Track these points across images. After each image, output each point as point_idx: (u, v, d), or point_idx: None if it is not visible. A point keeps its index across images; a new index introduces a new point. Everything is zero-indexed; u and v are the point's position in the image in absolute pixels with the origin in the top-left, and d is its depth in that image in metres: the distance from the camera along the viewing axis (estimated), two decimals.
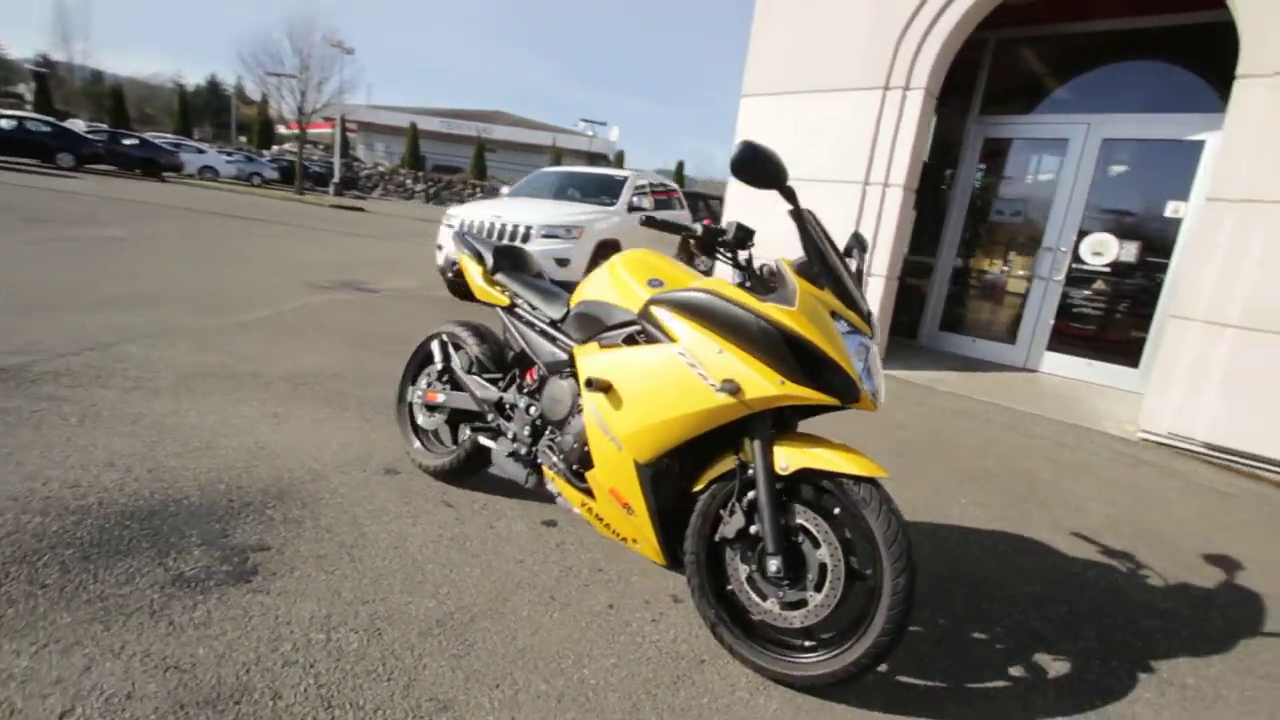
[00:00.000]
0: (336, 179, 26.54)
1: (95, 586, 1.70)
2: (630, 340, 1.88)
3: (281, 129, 39.88)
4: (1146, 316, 5.31)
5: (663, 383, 1.73)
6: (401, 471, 2.64)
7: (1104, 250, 5.48)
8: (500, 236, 6.58)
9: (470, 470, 2.51)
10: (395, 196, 33.23)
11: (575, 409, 2.01)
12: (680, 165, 39.84)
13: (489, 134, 40.74)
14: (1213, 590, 2.49)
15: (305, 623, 1.68)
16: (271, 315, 5.11)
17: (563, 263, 6.58)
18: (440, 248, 7.00)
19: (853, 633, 1.60)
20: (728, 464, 1.78)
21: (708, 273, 2.02)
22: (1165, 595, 2.41)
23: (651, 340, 1.81)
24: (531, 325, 2.25)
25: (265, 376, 3.60)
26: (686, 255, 8.27)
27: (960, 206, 6.26)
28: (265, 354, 4.05)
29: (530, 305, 2.28)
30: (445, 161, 38.61)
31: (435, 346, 2.54)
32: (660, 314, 1.77)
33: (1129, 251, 5.39)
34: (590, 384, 1.82)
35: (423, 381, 2.67)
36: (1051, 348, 5.80)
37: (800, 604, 1.65)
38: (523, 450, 2.19)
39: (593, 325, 2.03)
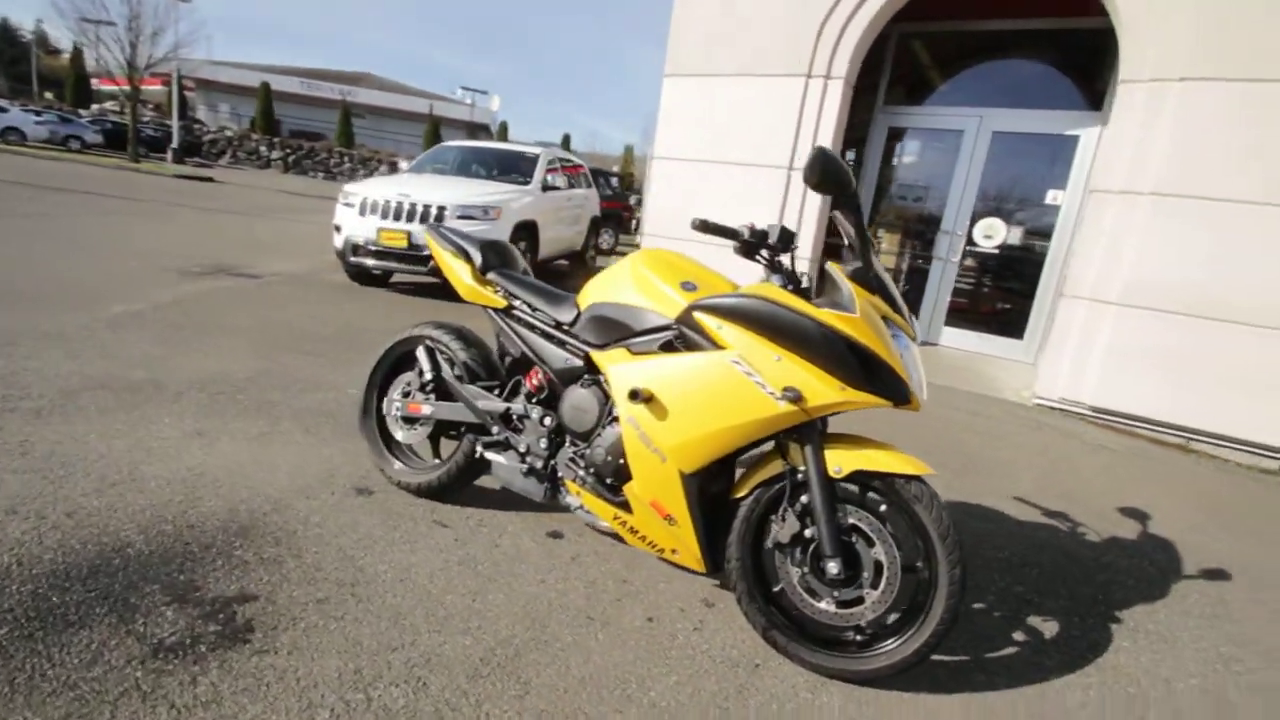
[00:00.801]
0: (175, 144, 23.33)
1: (56, 672, 1.38)
2: (668, 347, 1.80)
3: (100, 85, 34.22)
4: (1030, 293, 5.95)
5: (716, 392, 1.67)
6: (375, 490, 2.39)
7: (993, 233, 6.05)
8: (410, 218, 6.10)
9: (463, 485, 2.32)
10: (248, 165, 29.83)
11: (605, 419, 1.90)
12: (566, 139, 39.03)
13: (354, 98, 37.55)
14: (1137, 541, 2.86)
15: (335, 683, 1.47)
16: (146, 309, 4.43)
17: None
18: (339, 228, 6.38)
19: (910, 624, 1.66)
20: (773, 469, 1.76)
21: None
22: (1104, 550, 2.73)
23: (692, 347, 1.75)
24: (535, 329, 2.09)
25: (170, 386, 3.11)
26: None
27: (867, 192, 6.63)
28: (158, 358, 3.50)
29: (530, 307, 2.11)
30: (305, 127, 35.06)
31: (421, 353, 2.29)
32: (707, 320, 1.71)
33: (1015, 235, 5.99)
34: (635, 396, 1.72)
35: (396, 391, 2.41)
36: (949, 323, 6.35)
37: (857, 601, 1.68)
38: (538, 464, 2.04)
39: (614, 330, 1.92)
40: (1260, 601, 2.46)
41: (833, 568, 1.65)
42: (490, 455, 2.15)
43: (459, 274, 2.21)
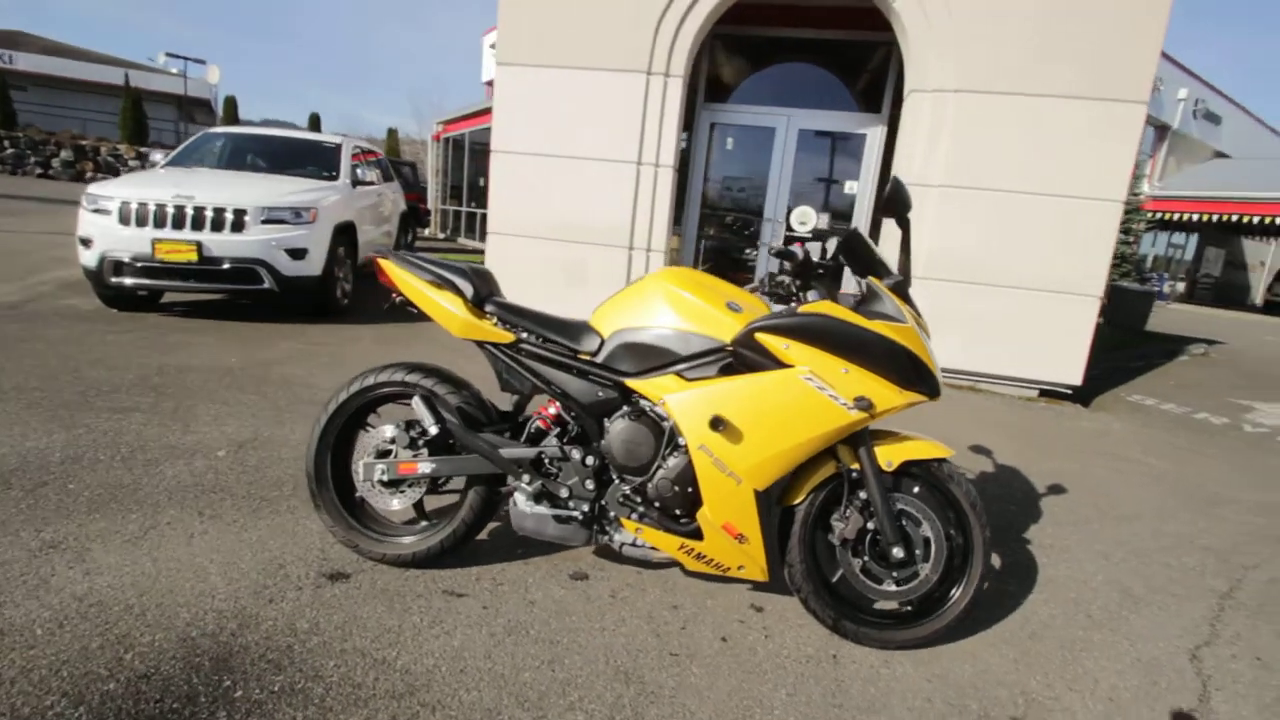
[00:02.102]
0: None
1: None
2: (728, 370, 1.79)
3: None
4: (838, 270, 6.89)
5: (791, 408, 1.72)
6: (350, 572, 2.01)
7: (807, 220, 6.84)
8: (199, 225, 5.02)
9: (468, 544, 2.06)
10: None
11: (664, 450, 1.83)
12: (315, 120, 34.59)
13: (9, 64, 29.09)
14: (995, 471, 3.56)
15: None
16: None
17: (298, 255, 5.37)
18: (88, 242, 5.02)
19: (954, 586, 1.90)
20: (826, 472, 1.87)
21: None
22: (995, 487, 3.35)
23: (752, 367, 1.77)
24: (550, 362, 1.92)
25: None
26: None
27: (697, 185, 7.06)
28: None
29: (540, 338, 1.93)
30: None
31: (418, 405, 1.95)
32: (772, 340, 1.74)
33: (824, 220, 6.87)
34: (717, 423, 1.69)
35: (366, 454, 2.03)
36: (778, 302, 7.08)
37: (913, 576, 1.88)
38: (584, 507, 1.89)
39: (651, 356, 1.85)
40: (1087, 504, 3.24)
41: (897, 552, 1.83)
42: (518, 506, 1.94)
43: (446, 308, 1.92)
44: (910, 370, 1.75)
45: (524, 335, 1.93)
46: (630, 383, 1.86)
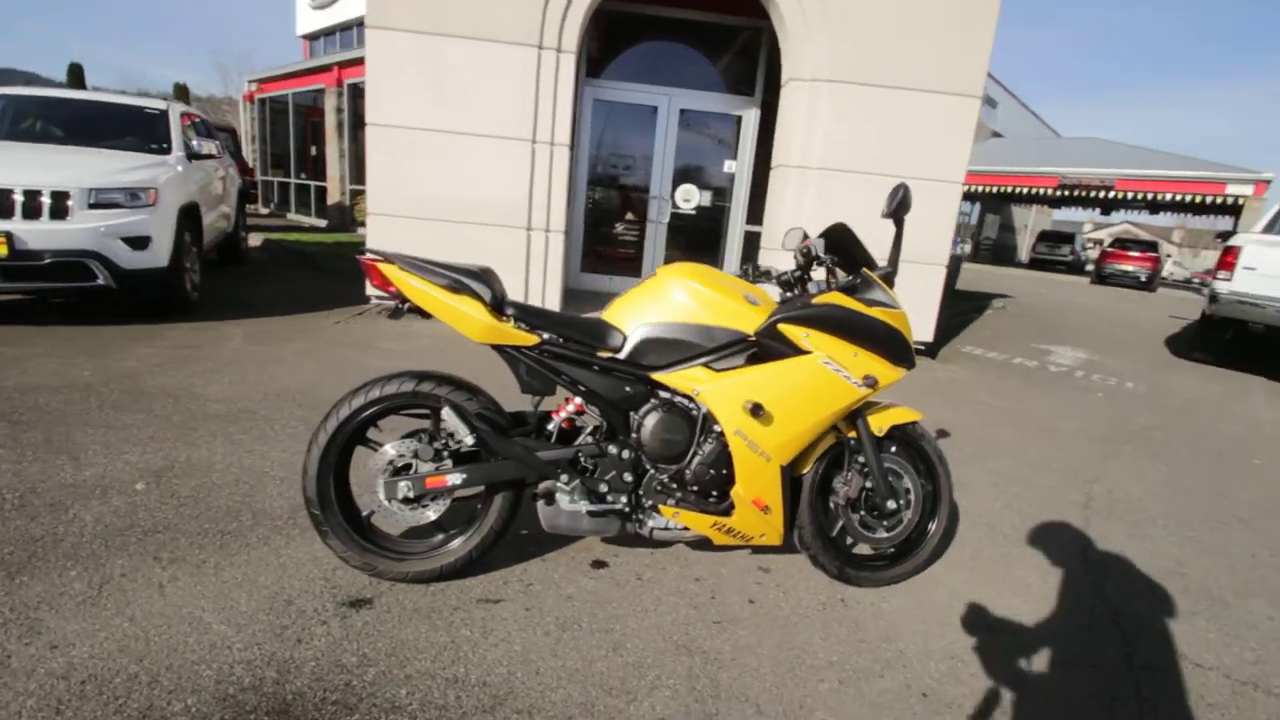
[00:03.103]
0: None
1: None
2: (754, 358, 1.93)
3: None
4: (721, 245, 7.29)
5: (812, 389, 1.91)
6: (372, 596, 1.90)
7: (691, 197, 7.15)
8: (6, 212, 4.14)
9: (495, 549, 2.03)
10: None
11: (700, 437, 1.93)
12: (76, 72, 28.64)
13: None
14: None
15: None
16: None
17: (139, 244, 4.61)
18: None
19: (929, 525, 2.25)
20: (827, 443, 2.11)
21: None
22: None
23: (773, 355, 1.93)
24: (576, 361, 1.93)
25: None
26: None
27: (583, 162, 7.02)
28: None
29: (563, 339, 1.93)
30: None
31: (449, 416, 1.83)
32: (793, 330, 1.91)
33: (706, 198, 7.20)
34: (757, 409, 1.83)
35: (382, 472, 1.90)
36: None
37: (899, 523, 2.19)
38: (622, 499, 1.95)
39: (676, 350, 1.94)
40: (967, 443, 3.87)
41: (891, 505, 2.12)
42: (552, 505, 1.94)
43: (467, 313, 1.83)
44: (902, 349, 2.01)
45: (546, 336, 1.92)
46: (657, 376, 1.94)
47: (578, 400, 2.00)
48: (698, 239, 7.40)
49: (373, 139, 5.46)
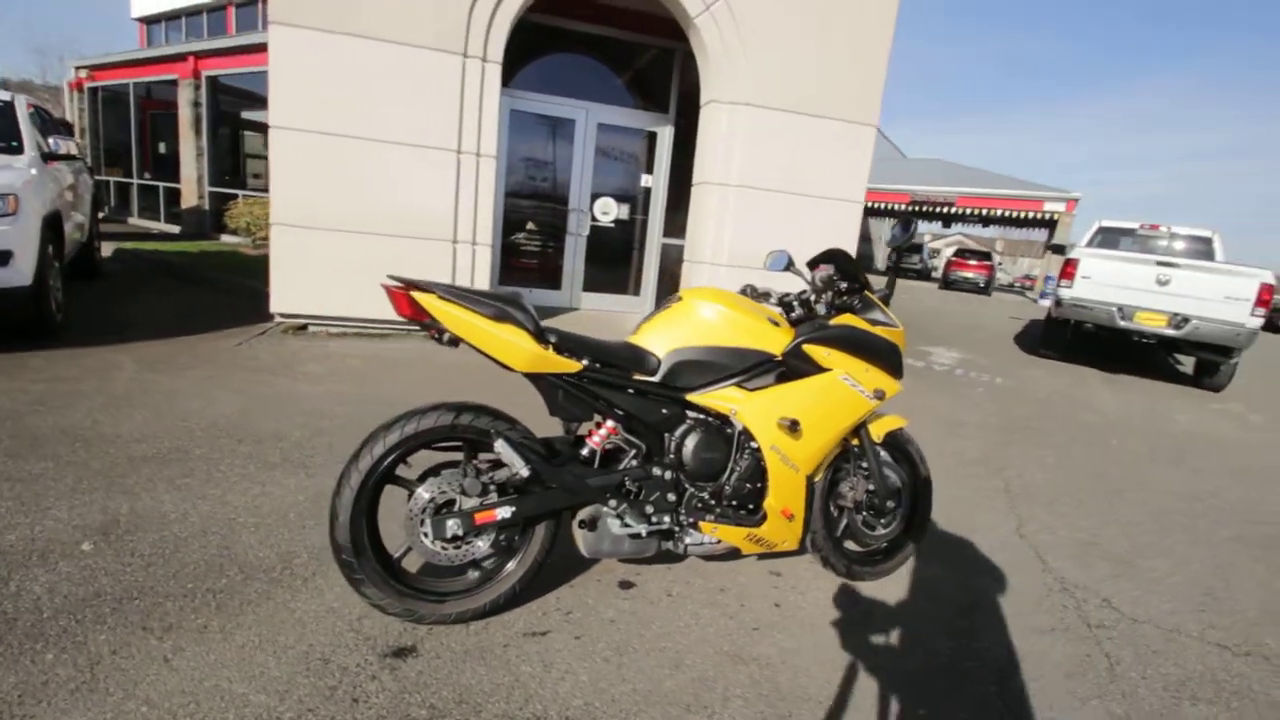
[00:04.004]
0: None
1: None
2: (782, 377, 2.05)
3: None
4: (640, 258, 7.43)
5: (834, 403, 2.07)
6: (415, 644, 1.80)
7: (609, 210, 7.23)
8: None
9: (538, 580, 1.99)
10: None
11: (739, 453, 2.02)
12: None
13: None
14: None
15: None
16: None
17: (1, 259, 3.96)
18: None
19: (912, 519, 2.49)
20: (835, 451, 2.28)
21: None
22: None
23: (801, 374, 2.06)
24: (616, 387, 1.95)
25: None
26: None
27: (501, 173, 6.85)
28: None
29: (602, 365, 1.94)
30: None
31: (503, 449, 1.75)
32: (817, 349, 2.05)
33: (623, 211, 7.31)
34: (792, 426, 1.95)
35: (422, 512, 1.79)
36: (587, 288, 7.36)
37: (895, 519, 2.41)
38: (666, 519, 1.98)
39: (709, 371, 2.02)
40: None
41: (891, 504, 2.33)
42: (597, 530, 1.94)
43: (513, 342, 1.79)
44: (900, 364, 2.23)
45: (586, 363, 1.92)
46: (693, 397, 2.01)
47: (609, 424, 2.02)
48: (616, 251, 7.51)
49: (278, 144, 5.03)
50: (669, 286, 7.66)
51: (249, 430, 3.19)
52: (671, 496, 2.00)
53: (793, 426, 2.00)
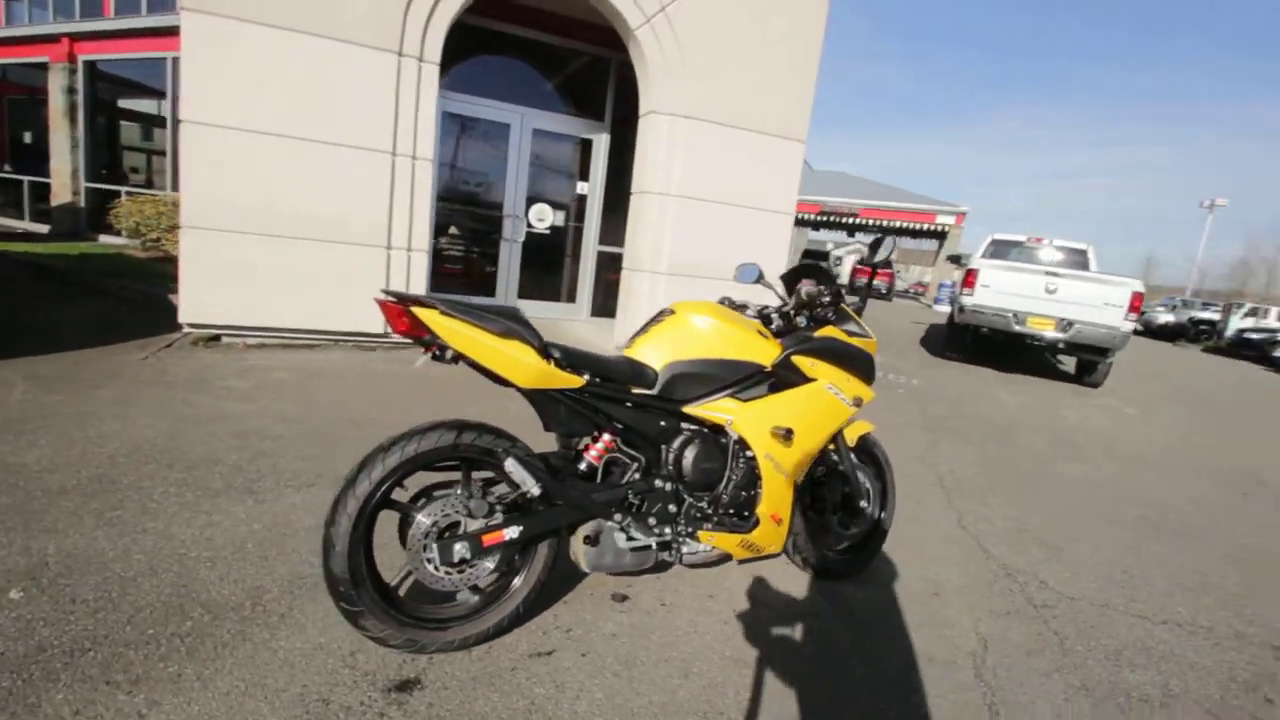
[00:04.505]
0: None
1: None
2: (774, 387, 2.11)
3: None
4: (576, 265, 7.39)
5: (820, 412, 2.17)
6: (415, 675, 1.73)
7: (545, 217, 7.15)
8: None
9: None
10: None
11: (735, 462, 2.06)
12: None
13: None
14: None
15: None
16: None
17: None
18: None
19: (880, 517, 2.64)
20: (816, 456, 2.38)
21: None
22: None
23: (790, 384, 2.14)
24: (617, 401, 1.95)
25: None
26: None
27: (435, 175, 6.62)
28: None
29: (602, 380, 1.93)
30: None
31: (514, 468, 1.69)
32: (804, 360, 2.14)
33: (559, 218, 7.25)
34: (786, 434, 2.02)
35: (424, 537, 1.71)
36: (522, 295, 7.24)
37: (866, 519, 2.54)
38: (667, 529, 1.99)
39: (704, 383, 2.06)
40: None
41: (864, 504, 2.46)
42: (600, 545, 1.92)
43: (520, 359, 1.74)
44: (873, 372, 2.37)
45: (588, 378, 1.90)
46: (689, 409, 2.04)
47: (606, 438, 2.01)
48: (553, 258, 7.44)
49: (190, 140, 4.63)
50: (605, 294, 7.68)
51: (178, 455, 2.92)
52: (672, 507, 2.02)
53: (787, 435, 2.08)
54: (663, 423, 2.02)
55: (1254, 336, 18.28)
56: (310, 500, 2.62)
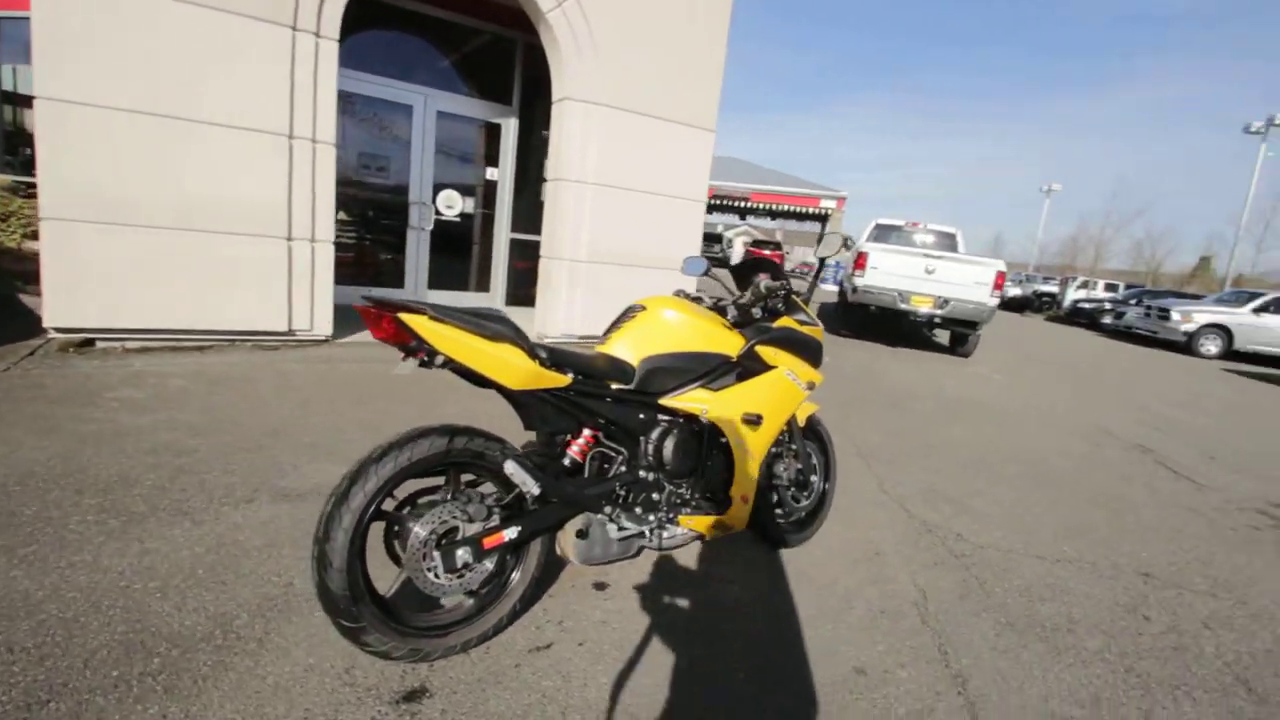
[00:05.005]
0: None
1: None
2: (741, 376, 2.24)
3: None
4: (488, 254, 7.20)
5: (780, 397, 2.33)
6: (420, 684, 1.71)
7: (454, 204, 6.89)
8: None
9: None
10: None
11: (709, 449, 2.17)
12: None
13: None
14: None
15: None
16: None
17: None
18: None
19: (825, 490, 2.87)
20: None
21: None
22: None
23: (754, 372, 2.28)
24: (600, 397, 2.00)
25: None
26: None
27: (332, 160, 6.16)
28: None
29: (585, 377, 1.97)
30: None
31: (514, 470, 1.67)
32: (767, 350, 2.28)
33: (469, 205, 7.01)
34: (752, 420, 2.16)
35: (422, 544, 1.68)
36: (433, 285, 6.95)
37: (814, 492, 2.77)
38: (652, 517, 2.07)
39: (677, 376, 2.16)
40: None
41: (814, 479, 2.68)
42: (589, 538, 1.97)
43: (511, 361, 1.73)
44: (821, 358, 2.57)
45: (573, 376, 1.93)
46: (665, 401, 2.13)
47: (587, 433, 2.06)
48: (464, 246, 7.20)
49: (49, 119, 4.05)
50: (519, 282, 7.56)
51: (85, 478, 2.63)
52: (655, 496, 2.11)
53: (756, 420, 2.22)
54: (641, 415, 2.10)
55: (1086, 306, 21.13)
56: (254, 518, 2.46)
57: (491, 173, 7.10)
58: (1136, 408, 7.22)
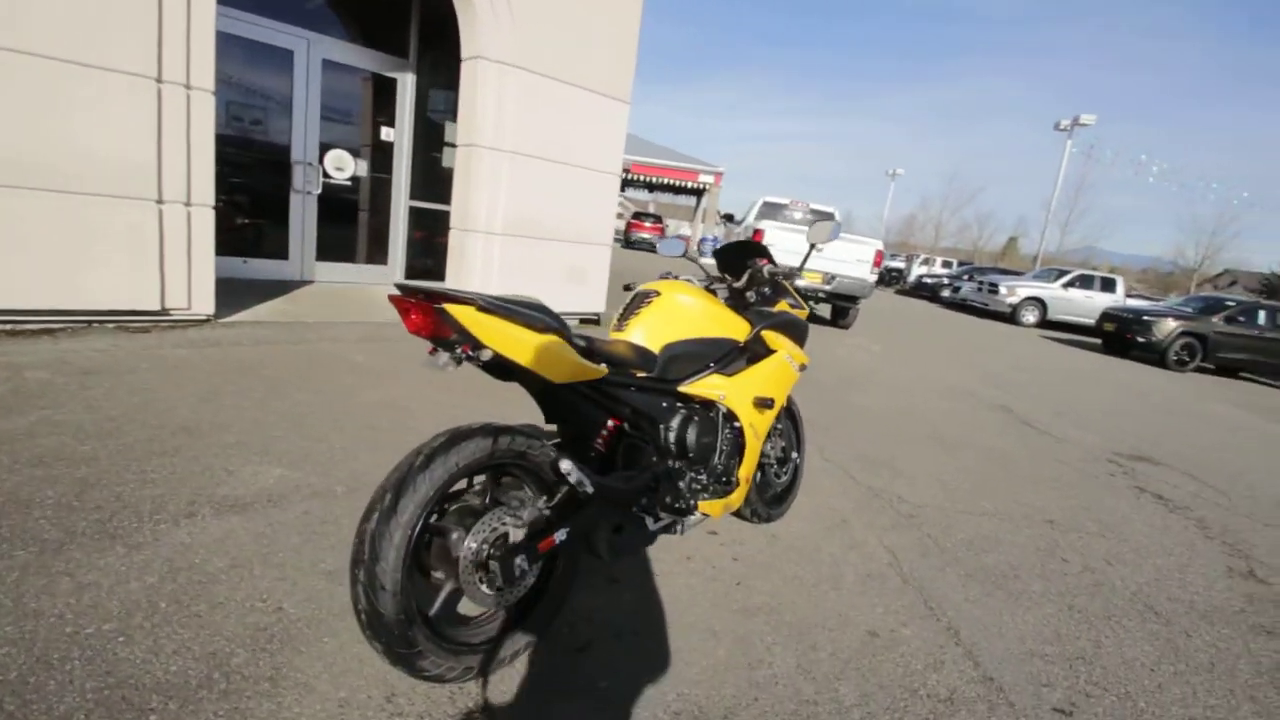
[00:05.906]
0: None
1: None
2: (750, 360, 2.27)
3: None
4: (385, 223, 6.60)
5: (781, 379, 2.40)
6: (486, 703, 1.60)
7: (344, 166, 6.21)
8: None
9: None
10: None
11: (726, 433, 2.18)
12: None
13: None
14: None
15: None
16: None
17: None
18: None
19: (799, 466, 3.02)
20: None
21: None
22: None
23: (759, 357, 2.32)
24: (629, 386, 1.93)
25: None
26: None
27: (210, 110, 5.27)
28: None
29: (614, 367, 1.89)
30: None
31: (568, 469, 1.55)
32: (771, 335, 2.33)
33: (362, 168, 6.36)
34: (763, 403, 2.20)
35: (474, 555, 1.54)
36: (321, 256, 6.26)
37: (792, 468, 2.90)
38: (679, 505, 2.05)
39: (694, 362, 2.15)
40: None
41: (795, 455, 2.80)
42: (627, 530, 1.91)
43: (558, 354, 1.61)
44: (806, 338, 2.66)
45: (605, 366, 1.85)
46: (684, 388, 2.11)
47: (611, 424, 2.00)
48: (356, 214, 6.55)
49: None
50: (421, 254, 7.06)
51: (37, 500, 2.13)
52: (681, 484, 2.10)
53: (768, 404, 2.28)
54: (664, 404, 2.07)
55: (928, 281, 23.71)
56: (203, 536, 2.13)
57: (387, 133, 6.49)
58: (989, 372, 8.28)
